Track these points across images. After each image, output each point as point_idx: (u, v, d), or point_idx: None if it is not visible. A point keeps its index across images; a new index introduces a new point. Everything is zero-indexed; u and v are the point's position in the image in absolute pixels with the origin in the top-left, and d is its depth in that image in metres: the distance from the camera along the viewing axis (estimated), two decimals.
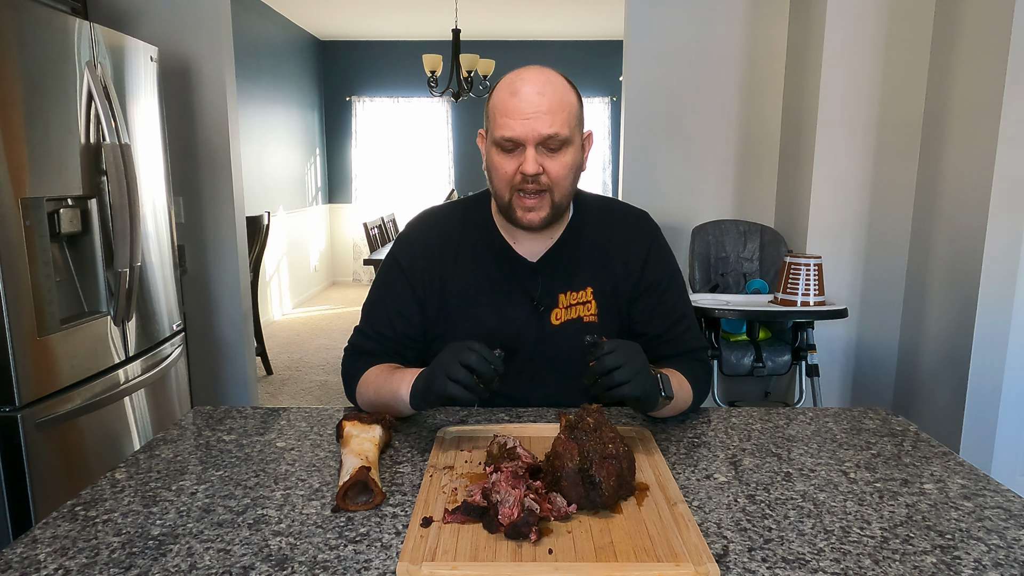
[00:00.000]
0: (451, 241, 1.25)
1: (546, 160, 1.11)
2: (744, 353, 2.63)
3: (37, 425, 1.78)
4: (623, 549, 0.77)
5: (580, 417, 0.92)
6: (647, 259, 1.25)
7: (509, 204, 1.14)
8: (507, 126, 1.09)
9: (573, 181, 1.16)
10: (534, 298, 1.22)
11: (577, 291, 1.23)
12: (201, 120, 2.98)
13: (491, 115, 1.13)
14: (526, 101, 1.08)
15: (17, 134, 1.73)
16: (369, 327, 1.26)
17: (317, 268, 7.21)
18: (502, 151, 1.12)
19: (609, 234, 1.25)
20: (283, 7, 5.91)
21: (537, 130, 1.08)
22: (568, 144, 1.11)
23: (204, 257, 3.08)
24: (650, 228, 1.29)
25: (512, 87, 1.10)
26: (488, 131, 1.15)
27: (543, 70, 1.12)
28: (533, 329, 1.22)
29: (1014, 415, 2.41)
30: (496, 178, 1.14)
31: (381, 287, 1.27)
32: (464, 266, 1.23)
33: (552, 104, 1.09)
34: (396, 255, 1.27)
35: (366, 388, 1.19)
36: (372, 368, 1.20)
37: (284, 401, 3.93)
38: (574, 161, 1.14)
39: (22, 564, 0.75)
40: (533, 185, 1.11)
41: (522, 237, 1.23)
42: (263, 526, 0.83)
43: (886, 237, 2.84)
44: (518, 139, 1.09)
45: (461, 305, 1.23)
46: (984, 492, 0.92)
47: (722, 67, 3.11)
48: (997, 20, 2.28)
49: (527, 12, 6.02)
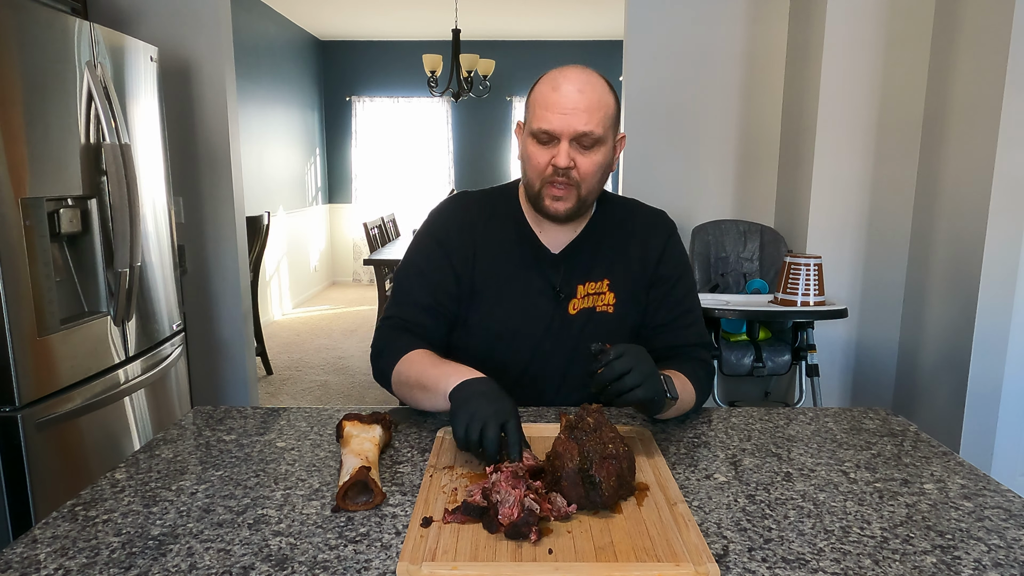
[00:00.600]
0: (482, 225, 1.29)
1: (578, 156, 1.15)
2: (744, 353, 2.63)
3: (37, 425, 1.78)
4: (623, 549, 0.77)
5: (580, 417, 0.92)
6: (662, 254, 1.30)
7: (539, 193, 1.19)
8: (545, 119, 1.14)
9: (601, 179, 1.21)
10: (556, 286, 1.26)
11: (595, 282, 1.27)
12: (201, 120, 2.98)
13: (531, 107, 1.18)
14: (566, 97, 1.13)
15: (17, 134, 1.73)
16: (406, 298, 1.26)
17: (317, 268, 7.21)
18: (538, 142, 1.17)
19: (630, 229, 1.30)
20: (283, 7, 5.91)
21: (573, 126, 1.13)
22: (601, 143, 1.16)
23: (204, 257, 3.08)
24: (667, 225, 1.34)
25: (554, 82, 1.15)
26: (526, 122, 1.20)
27: (585, 70, 1.17)
28: (550, 318, 1.26)
29: (1014, 415, 2.41)
30: (529, 167, 1.19)
31: (417, 260, 1.28)
32: (491, 250, 1.27)
33: (590, 103, 1.13)
34: (431, 230, 1.30)
35: (408, 368, 1.17)
36: (417, 350, 1.19)
37: (284, 401, 3.93)
38: (605, 160, 1.18)
39: (22, 564, 0.75)
40: (563, 179, 1.16)
41: (547, 227, 1.27)
42: (263, 526, 0.83)
43: (886, 237, 2.84)
44: (554, 132, 1.14)
45: (486, 288, 1.26)
46: (984, 492, 0.92)
47: (722, 67, 3.11)
48: (997, 20, 2.28)
49: (527, 12, 6.02)
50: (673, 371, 1.17)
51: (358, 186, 7.55)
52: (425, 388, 1.12)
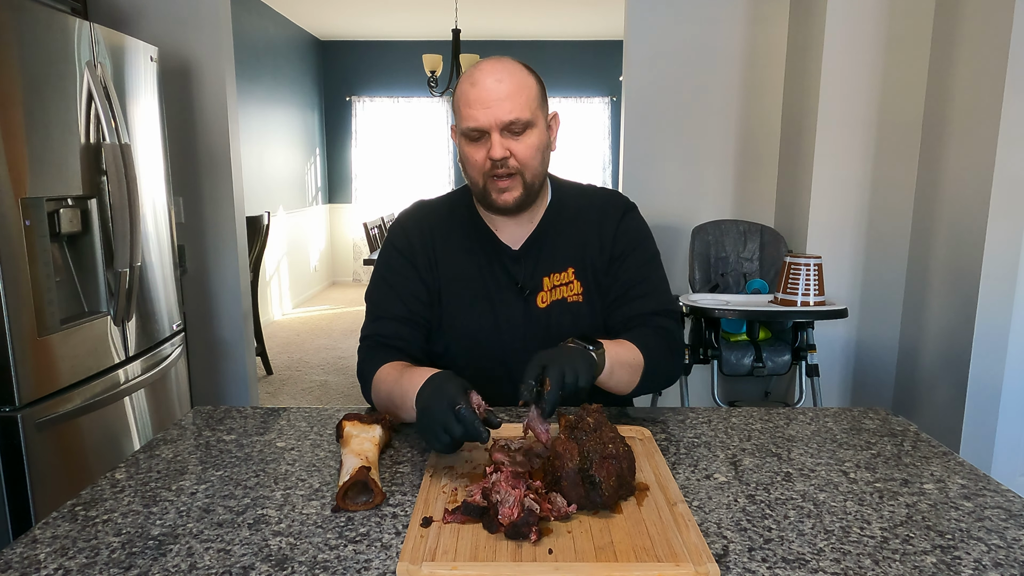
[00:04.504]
0: (441, 229, 1.29)
1: (512, 143, 1.15)
2: (744, 353, 2.63)
3: (37, 425, 1.78)
4: (623, 549, 0.77)
5: (580, 417, 0.92)
6: (616, 232, 1.28)
7: (484, 189, 1.19)
8: (470, 116, 1.14)
9: (542, 161, 1.20)
10: (519, 282, 1.25)
11: (560, 272, 1.26)
12: (201, 120, 2.98)
13: (456, 108, 1.18)
14: (486, 90, 1.13)
15: (17, 134, 1.73)
16: (381, 312, 1.26)
17: (317, 268, 7.21)
18: (470, 141, 1.17)
19: (586, 215, 1.29)
20: (283, 7, 5.91)
21: (498, 116, 1.13)
22: (531, 126, 1.16)
23: (204, 257, 3.08)
24: (621, 204, 1.31)
25: (472, 78, 1.15)
26: (456, 124, 1.20)
27: (500, 59, 1.17)
28: (520, 314, 1.25)
29: (1014, 415, 2.41)
30: (468, 167, 1.19)
31: (384, 274, 1.28)
32: (453, 255, 1.27)
33: (510, 90, 1.13)
34: (394, 242, 1.30)
35: (378, 388, 1.18)
36: (383, 367, 1.19)
37: (284, 401, 3.93)
38: (540, 142, 1.18)
39: (22, 564, 0.75)
40: (503, 169, 1.16)
41: (503, 224, 1.27)
42: (263, 526, 0.83)
43: (886, 237, 2.84)
44: (482, 127, 1.14)
45: (452, 293, 1.26)
46: (984, 492, 0.92)
47: (722, 67, 3.11)
48: (997, 20, 2.27)
49: (527, 12, 6.02)
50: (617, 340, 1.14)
51: (358, 186, 7.55)
52: (398, 407, 1.11)
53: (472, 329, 1.25)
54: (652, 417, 1.20)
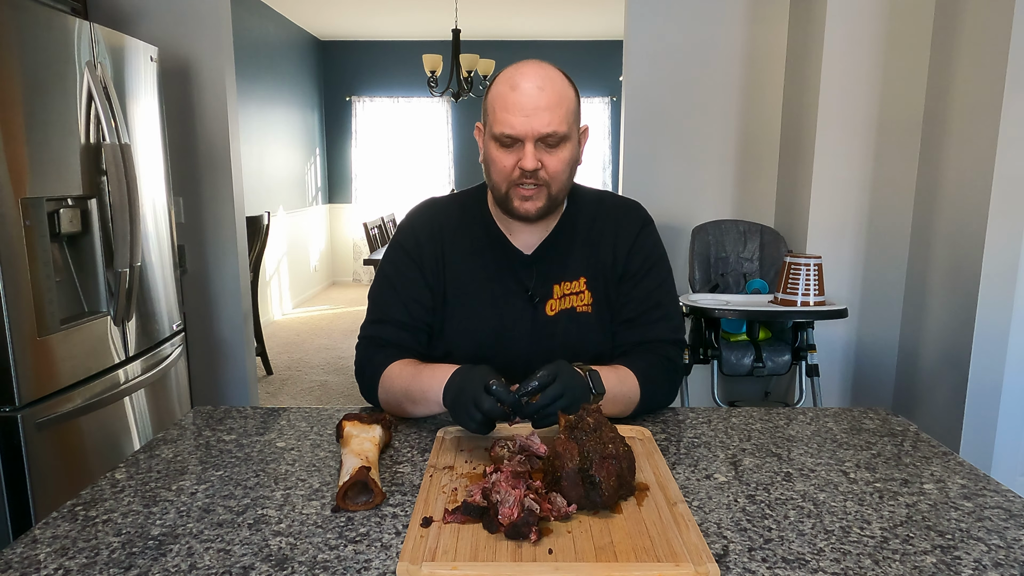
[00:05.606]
0: (450, 230, 1.25)
1: (544, 156, 1.12)
2: (744, 353, 2.63)
3: (37, 425, 1.78)
4: (623, 549, 0.77)
5: (580, 417, 0.92)
6: (632, 246, 1.25)
7: (506, 195, 1.15)
8: (506, 122, 1.09)
9: (570, 175, 1.17)
10: (528, 289, 1.23)
11: (571, 281, 1.24)
12: (201, 120, 2.98)
13: (490, 110, 1.13)
14: (526, 96, 1.08)
15: (17, 134, 1.73)
16: (382, 315, 1.24)
17: (317, 268, 7.21)
18: (501, 146, 1.12)
19: (601, 225, 1.26)
20: (283, 7, 5.91)
21: (536, 128, 1.08)
22: (566, 140, 1.12)
23: (204, 257, 3.08)
24: (640, 217, 1.28)
25: (511, 82, 1.10)
26: (487, 125, 1.15)
27: (542, 65, 1.12)
28: (528, 320, 1.22)
29: (1014, 415, 2.41)
30: (494, 172, 1.15)
31: (389, 274, 1.26)
32: (462, 257, 1.24)
33: (551, 101, 1.09)
34: (401, 242, 1.26)
35: (391, 384, 1.17)
36: (396, 363, 1.18)
37: (284, 401, 3.93)
38: (571, 156, 1.15)
39: (22, 564, 0.75)
40: (531, 180, 1.12)
41: (517, 229, 1.23)
42: (263, 526, 0.83)
43: (886, 237, 2.84)
44: (517, 136, 1.10)
45: (458, 295, 1.23)
46: (984, 492, 0.92)
47: (722, 67, 3.11)
48: (997, 20, 2.27)
49: (527, 12, 6.02)
50: (619, 365, 1.15)
51: (358, 186, 7.55)
52: (415, 401, 1.12)
53: (477, 333, 1.23)
54: (652, 417, 1.20)
